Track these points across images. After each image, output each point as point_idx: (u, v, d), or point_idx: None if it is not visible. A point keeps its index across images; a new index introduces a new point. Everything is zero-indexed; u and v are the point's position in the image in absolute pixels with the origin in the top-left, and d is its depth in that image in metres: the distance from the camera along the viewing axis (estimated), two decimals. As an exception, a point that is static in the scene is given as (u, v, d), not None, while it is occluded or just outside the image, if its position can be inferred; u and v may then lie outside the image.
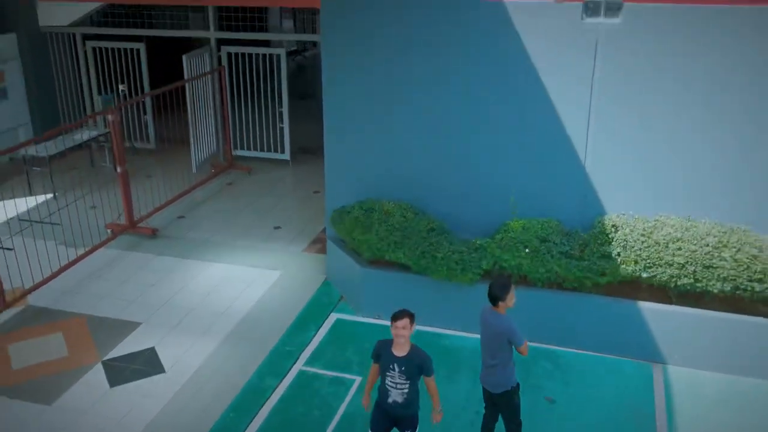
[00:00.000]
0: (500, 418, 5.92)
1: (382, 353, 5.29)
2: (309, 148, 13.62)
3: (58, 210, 10.85)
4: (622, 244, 7.20)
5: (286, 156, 13.19)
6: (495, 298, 5.47)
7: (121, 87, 13.26)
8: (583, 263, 7.26)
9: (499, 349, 5.52)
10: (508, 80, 7.53)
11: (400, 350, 5.21)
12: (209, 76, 12.60)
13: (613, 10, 7.03)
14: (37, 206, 11.25)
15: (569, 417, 6.72)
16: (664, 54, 7.01)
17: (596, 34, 7.13)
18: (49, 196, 11.65)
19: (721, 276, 6.85)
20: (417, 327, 5.37)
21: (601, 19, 7.09)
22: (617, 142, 7.42)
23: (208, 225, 10.74)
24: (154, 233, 10.26)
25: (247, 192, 12.00)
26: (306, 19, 15.57)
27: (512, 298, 5.47)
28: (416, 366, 5.22)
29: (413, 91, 7.89)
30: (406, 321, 5.14)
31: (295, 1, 8.37)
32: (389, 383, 5.28)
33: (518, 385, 5.74)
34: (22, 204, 11.22)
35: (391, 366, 5.22)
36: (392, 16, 7.69)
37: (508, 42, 7.38)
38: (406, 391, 5.26)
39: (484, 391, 5.85)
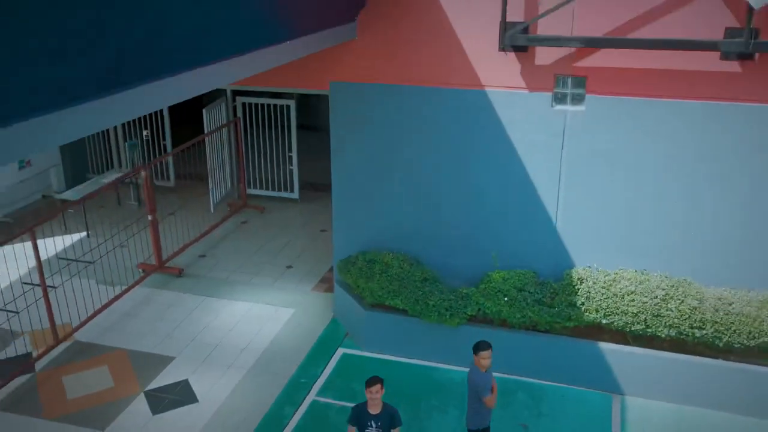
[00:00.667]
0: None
1: (359, 415, 6.44)
2: (315, 185, 14.94)
3: (90, 250, 12.12)
4: (586, 295, 8.53)
5: (295, 195, 14.52)
6: (473, 353, 6.75)
7: (144, 133, 14.59)
8: (553, 310, 8.59)
9: (472, 396, 6.79)
10: (490, 154, 8.86)
11: (375, 409, 6.38)
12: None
13: (578, 99, 8.38)
14: (73, 245, 12.55)
15: (539, 442, 8.05)
16: (621, 135, 8.34)
17: (564, 119, 8.47)
18: (83, 234, 12.96)
19: (668, 323, 8.18)
20: (413, 361, 6.62)
21: (568, 107, 8.43)
22: (583, 206, 8.75)
23: (227, 264, 12.05)
24: (180, 273, 11.58)
25: (261, 231, 13.32)
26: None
27: (484, 359, 6.64)
28: (389, 418, 6.40)
29: (409, 161, 9.22)
30: (378, 386, 6.30)
31: (307, 84, 9.65)
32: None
33: (488, 428, 6.94)
34: (60, 242, 12.51)
35: (369, 423, 6.40)
36: (391, 102, 9.02)
37: (491, 123, 8.71)
38: None
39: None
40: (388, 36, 8.81)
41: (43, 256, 11.79)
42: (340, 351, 9.76)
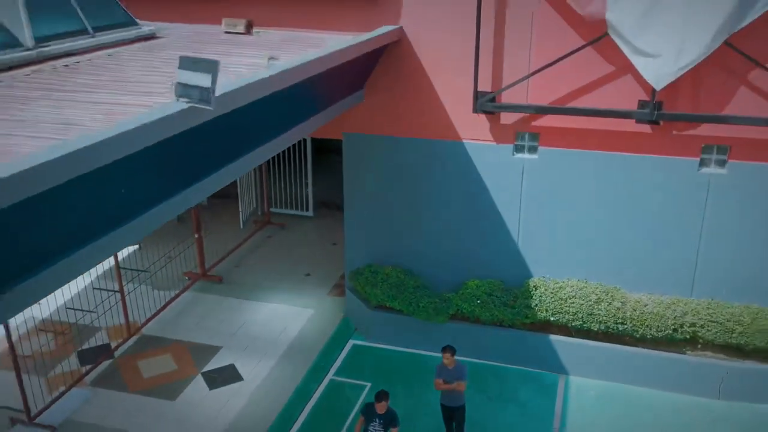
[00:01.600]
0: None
1: (369, 412, 8.93)
2: (327, 204, 17.61)
3: (142, 259, 14.77)
4: (539, 299, 11.20)
5: (311, 213, 17.22)
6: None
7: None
8: (514, 310, 11.26)
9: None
10: (468, 190, 11.52)
11: (381, 410, 8.86)
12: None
13: (532, 150, 11.05)
14: (128, 256, 15.23)
15: (500, 408, 10.72)
16: (565, 177, 10.98)
17: (522, 165, 11.14)
18: (135, 247, 15.64)
19: (598, 320, 10.85)
20: (408, 350, 9.31)
21: (525, 155, 11.10)
22: (538, 230, 11.40)
23: (258, 272, 14.74)
24: (220, 280, 14.27)
25: (283, 244, 16.00)
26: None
27: (445, 358, 9.31)
28: (390, 420, 8.89)
29: (405, 195, 11.88)
30: (384, 404, 8.71)
31: (325, 134, 12.27)
32: (372, 430, 8.98)
33: (443, 405, 9.60)
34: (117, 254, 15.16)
35: (374, 419, 8.91)
36: (390, 149, 11.69)
37: (467, 167, 11.38)
38: None
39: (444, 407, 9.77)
40: (387, 99, 11.47)
41: (106, 266, 14.51)
42: (351, 342, 12.44)
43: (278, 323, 12.95)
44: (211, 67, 5.51)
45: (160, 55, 9.17)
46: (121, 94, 7.04)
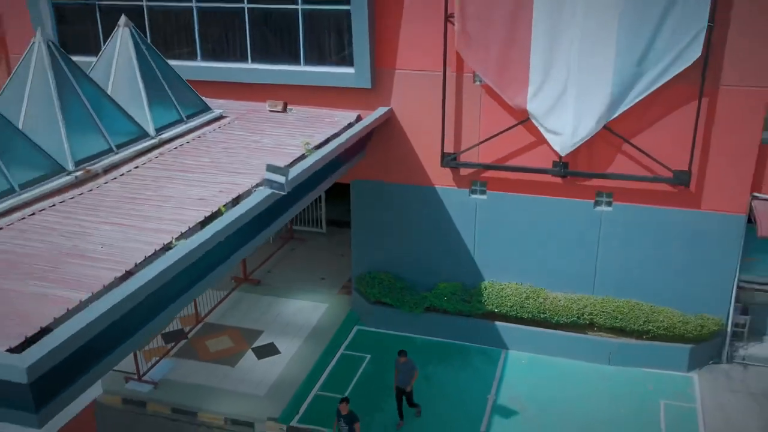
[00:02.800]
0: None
1: (337, 412, 13.13)
2: (338, 222, 22.41)
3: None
4: (487, 296, 16.03)
5: (323, 230, 22.09)
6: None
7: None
8: (470, 304, 16.11)
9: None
10: (438, 220, 16.36)
11: (344, 411, 13.02)
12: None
13: (482, 193, 15.90)
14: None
15: (459, 372, 15.56)
16: (505, 211, 15.79)
17: (476, 203, 15.98)
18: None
19: (528, 311, 15.70)
20: (396, 333, 14.19)
21: (477, 196, 15.94)
22: (487, 248, 16.22)
23: (285, 276, 19.57)
24: (258, 282, 19.12)
25: (304, 254, 20.84)
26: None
27: (400, 357, 14.01)
28: (351, 419, 13.01)
29: (396, 223, 16.72)
30: (345, 405, 12.83)
31: (338, 181, 17.00)
32: (340, 426, 13.42)
33: (397, 387, 14.37)
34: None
35: (340, 419, 13.14)
36: (386, 191, 16.53)
37: (438, 204, 16.22)
38: (346, 430, 13.37)
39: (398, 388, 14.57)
40: (381, 156, 16.30)
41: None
42: (356, 327, 17.30)
43: (302, 314, 17.80)
44: (284, 171, 10.35)
45: (232, 136, 13.99)
46: (221, 174, 11.85)
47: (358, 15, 14.98)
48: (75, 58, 12.89)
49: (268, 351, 16.39)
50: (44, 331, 7.27)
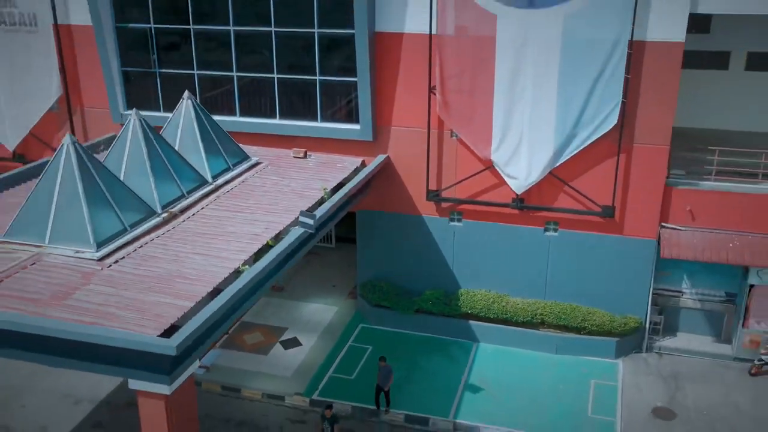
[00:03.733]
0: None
1: (322, 416, 17.45)
2: (346, 238, 26.93)
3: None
4: (463, 301, 20.59)
5: (333, 245, 26.68)
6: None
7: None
8: (450, 307, 20.70)
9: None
10: (425, 242, 20.90)
11: (328, 415, 17.27)
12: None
13: (459, 221, 20.48)
14: (221, 274, 24.61)
15: (438, 360, 20.15)
16: (478, 235, 20.34)
17: (454, 230, 20.56)
18: (225, 268, 25.02)
19: (494, 312, 20.27)
20: (393, 329, 18.80)
21: (456, 224, 20.52)
22: (463, 262, 20.78)
23: (303, 284, 24.13)
24: (282, 289, 23.72)
25: (318, 266, 25.42)
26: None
27: (381, 362, 18.49)
28: (333, 422, 17.24)
29: (391, 242, 21.28)
30: (329, 411, 17.12)
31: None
32: (324, 427, 17.96)
33: (378, 385, 18.97)
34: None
35: (325, 422, 17.34)
36: (384, 219, 21.10)
37: (424, 229, 20.77)
38: (329, 430, 17.98)
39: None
40: (380, 192, 20.82)
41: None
42: (361, 325, 21.89)
43: (317, 315, 22.38)
44: (312, 216, 14.96)
45: (268, 181, 18.56)
46: (263, 213, 16.39)
47: (363, 85, 19.57)
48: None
49: (292, 343, 20.97)
50: (172, 328, 11.83)
